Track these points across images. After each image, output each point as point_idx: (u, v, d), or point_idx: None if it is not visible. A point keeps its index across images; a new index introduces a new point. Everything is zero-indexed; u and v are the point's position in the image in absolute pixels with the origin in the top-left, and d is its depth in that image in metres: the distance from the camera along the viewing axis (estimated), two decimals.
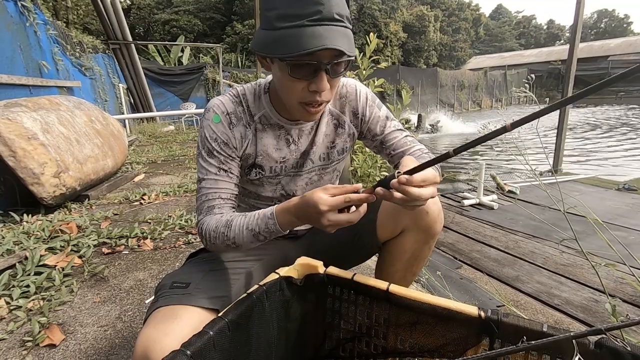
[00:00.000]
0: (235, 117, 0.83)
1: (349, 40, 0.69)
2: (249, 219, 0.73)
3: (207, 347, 0.54)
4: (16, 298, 1.42)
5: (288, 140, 0.88)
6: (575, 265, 2.34)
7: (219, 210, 0.79)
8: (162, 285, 0.77)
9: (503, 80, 28.56)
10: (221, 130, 0.81)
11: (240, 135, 0.83)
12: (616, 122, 15.03)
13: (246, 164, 0.87)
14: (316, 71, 0.70)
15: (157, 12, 24.39)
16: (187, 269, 0.85)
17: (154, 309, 0.71)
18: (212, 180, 0.80)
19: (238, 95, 0.85)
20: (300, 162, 0.91)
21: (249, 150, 0.85)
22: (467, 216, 3.45)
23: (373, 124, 0.92)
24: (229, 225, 0.74)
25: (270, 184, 0.91)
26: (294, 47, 0.65)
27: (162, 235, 2.13)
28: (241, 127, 0.83)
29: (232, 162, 0.83)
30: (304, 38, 0.65)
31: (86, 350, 1.18)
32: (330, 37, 0.65)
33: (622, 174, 5.96)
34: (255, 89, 0.86)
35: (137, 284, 1.61)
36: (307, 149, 0.90)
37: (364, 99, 0.92)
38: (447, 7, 38.34)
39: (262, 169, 0.88)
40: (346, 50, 0.67)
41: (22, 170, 2.23)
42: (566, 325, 1.65)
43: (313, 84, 0.71)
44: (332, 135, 0.91)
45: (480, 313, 0.59)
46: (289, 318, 0.74)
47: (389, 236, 0.91)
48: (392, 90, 19.26)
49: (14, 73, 3.73)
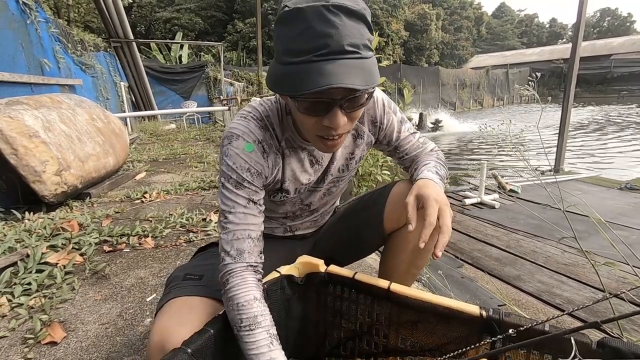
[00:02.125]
0: (267, 145, 0.76)
1: (366, 71, 0.61)
2: (260, 351, 0.63)
3: (208, 345, 0.54)
4: (18, 295, 1.42)
5: (312, 161, 0.85)
6: (576, 264, 2.33)
7: (249, 259, 0.71)
8: (174, 277, 0.77)
9: (505, 79, 28.47)
10: (255, 160, 0.74)
11: (272, 164, 0.78)
12: (619, 121, 14.96)
13: (273, 189, 0.83)
14: (328, 108, 0.64)
15: (158, 10, 24.37)
16: (198, 262, 0.85)
17: (167, 299, 0.71)
18: (241, 214, 0.72)
19: (262, 119, 0.77)
20: (321, 178, 0.89)
21: (278, 176, 0.81)
22: (469, 215, 3.45)
23: (390, 130, 0.90)
24: (251, 328, 0.64)
25: (291, 202, 0.91)
26: (299, 85, 0.60)
27: (163, 233, 2.13)
28: (272, 154, 0.78)
29: (260, 192, 0.77)
30: (310, 75, 0.59)
31: (87, 348, 1.18)
32: (339, 74, 0.58)
33: (624, 173, 5.93)
34: (279, 109, 0.79)
35: (138, 282, 1.61)
36: (328, 165, 0.88)
37: (382, 106, 0.89)
38: (449, 6, 38.19)
39: (287, 192, 0.85)
40: (359, 86, 0.60)
41: (24, 168, 2.23)
42: (568, 325, 1.65)
43: (326, 120, 0.65)
44: (351, 147, 0.89)
45: (481, 312, 0.59)
46: (290, 316, 0.74)
47: (395, 227, 0.90)
48: (393, 88, 19.22)
49: (15, 71, 3.74)
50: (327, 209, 1.02)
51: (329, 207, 1.02)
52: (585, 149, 9.56)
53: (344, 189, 1.02)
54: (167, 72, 11.71)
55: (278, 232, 0.99)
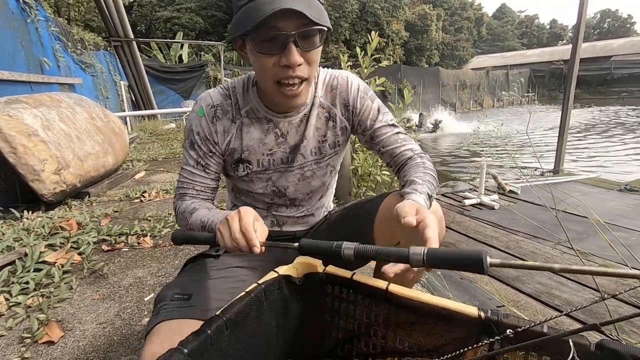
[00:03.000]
0: (222, 111, 0.83)
1: (313, 6, 0.66)
2: (206, 217, 0.77)
3: (205, 346, 0.54)
4: (15, 295, 1.42)
5: (276, 133, 0.86)
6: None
7: (190, 199, 0.85)
8: (162, 297, 0.74)
9: (505, 80, 28.48)
10: (204, 124, 0.83)
11: (223, 129, 0.84)
12: (620, 122, 14.98)
13: (232, 159, 0.87)
14: (283, 44, 0.68)
15: (159, 10, 24.36)
16: (186, 277, 0.82)
17: (156, 322, 0.68)
18: (189, 171, 0.85)
19: (228, 89, 0.85)
20: (291, 157, 0.88)
21: (234, 144, 0.85)
22: (468, 216, 3.45)
23: (364, 116, 0.88)
24: (192, 212, 0.80)
25: (260, 180, 0.90)
26: (252, 18, 0.64)
27: (162, 232, 2.13)
28: (226, 120, 0.84)
29: (211, 158, 0.85)
30: (258, 7, 0.64)
31: (84, 347, 1.18)
32: (286, 1, 0.63)
33: (624, 175, 5.94)
34: (245, 81, 0.86)
35: (137, 282, 1.61)
36: (297, 143, 0.88)
37: (355, 90, 0.88)
38: (450, 6, 38.22)
39: (249, 164, 0.87)
40: (308, 14, 0.64)
41: (23, 167, 2.23)
42: (567, 326, 1.65)
43: (283, 58, 0.69)
44: (323, 129, 0.89)
45: (480, 313, 0.59)
46: (288, 317, 0.74)
47: (386, 243, 0.85)
48: (393, 89, 19.23)
49: (15, 70, 3.74)
50: (313, 204, 0.99)
51: (315, 203, 0.99)
52: (586, 150, 9.56)
53: (329, 183, 0.99)
54: (167, 71, 11.72)
55: (267, 222, 0.97)
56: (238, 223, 0.66)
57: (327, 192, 1.02)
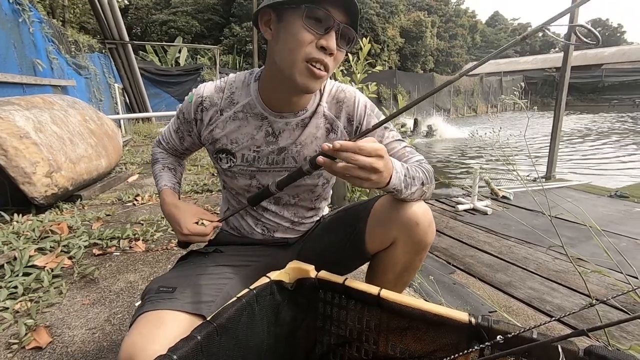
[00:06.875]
0: (210, 102, 0.88)
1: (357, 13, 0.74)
2: (155, 172, 1.01)
3: (195, 352, 0.54)
4: (3, 299, 1.39)
5: (268, 132, 0.87)
6: (567, 271, 2.35)
7: (162, 149, 1.04)
8: (148, 289, 0.76)
9: (498, 87, 28.78)
10: (189, 110, 0.90)
11: (209, 120, 0.89)
12: (608, 130, 15.19)
13: (213, 148, 0.90)
14: (328, 28, 0.72)
15: (154, 13, 24.32)
16: (175, 273, 0.84)
17: (139, 313, 0.69)
18: (169, 132, 0.99)
19: (226, 82, 0.89)
20: (279, 159, 0.88)
21: (217, 135, 0.88)
22: (461, 221, 3.46)
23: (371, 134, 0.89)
24: (154, 162, 1.03)
25: (243, 177, 0.90)
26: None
27: (154, 237, 2.11)
28: (212, 112, 0.88)
29: (188, 135, 0.95)
30: None
31: (73, 353, 1.16)
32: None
33: (614, 181, 6.01)
34: (246, 76, 0.89)
35: (128, 286, 1.59)
36: (287, 145, 0.87)
37: (362, 107, 0.89)
38: (444, 14, 38.66)
39: (233, 157, 0.88)
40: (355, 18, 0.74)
41: (13, 169, 2.20)
42: (558, 332, 1.66)
43: (323, 40, 0.72)
44: (322, 139, 0.89)
45: (471, 319, 0.59)
46: (280, 322, 0.73)
47: (379, 248, 0.87)
48: (388, 94, 19.35)
49: (7, 71, 3.70)
50: (302, 210, 0.98)
51: (305, 209, 0.98)
52: (577, 156, 9.68)
53: (319, 193, 0.98)
54: (162, 74, 11.67)
55: (258, 230, 0.97)
56: (178, 226, 0.83)
57: (318, 201, 1.01)
